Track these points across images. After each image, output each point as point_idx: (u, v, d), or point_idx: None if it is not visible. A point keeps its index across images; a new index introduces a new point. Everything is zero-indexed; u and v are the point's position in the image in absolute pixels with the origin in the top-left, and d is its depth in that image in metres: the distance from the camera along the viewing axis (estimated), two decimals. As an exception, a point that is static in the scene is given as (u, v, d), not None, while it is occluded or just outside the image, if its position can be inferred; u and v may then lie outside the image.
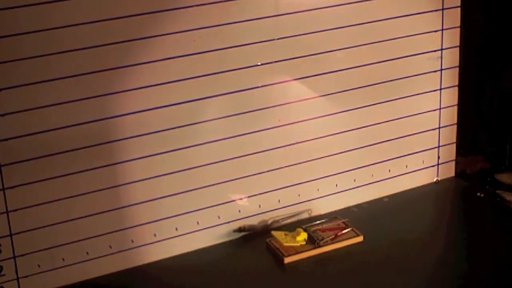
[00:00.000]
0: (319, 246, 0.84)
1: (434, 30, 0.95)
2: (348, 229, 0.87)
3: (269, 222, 0.91)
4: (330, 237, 0.86)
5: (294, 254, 0.83)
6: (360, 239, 0.86)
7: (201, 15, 0.80)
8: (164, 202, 0.84)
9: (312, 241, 0.85)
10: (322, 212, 0.94)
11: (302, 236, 0.85)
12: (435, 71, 0.97)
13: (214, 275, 0.81)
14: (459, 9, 0.96)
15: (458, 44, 0.97)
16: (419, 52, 0.95)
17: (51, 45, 0.73)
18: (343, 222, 0.89)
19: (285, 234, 0.86)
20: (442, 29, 0.96)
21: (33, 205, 0.77)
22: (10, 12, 0.71)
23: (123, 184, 0.81)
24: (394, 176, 0.98)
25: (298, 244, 0.85)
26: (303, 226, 0.87)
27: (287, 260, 0.83)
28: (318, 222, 0.89)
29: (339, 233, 0.87)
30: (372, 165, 0.96)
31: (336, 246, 0.85)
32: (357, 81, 0.92)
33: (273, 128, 0.88)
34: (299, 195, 0.92)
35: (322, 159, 0.92)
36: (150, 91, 0.80)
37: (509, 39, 1.02)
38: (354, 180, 0.96)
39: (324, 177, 0.93)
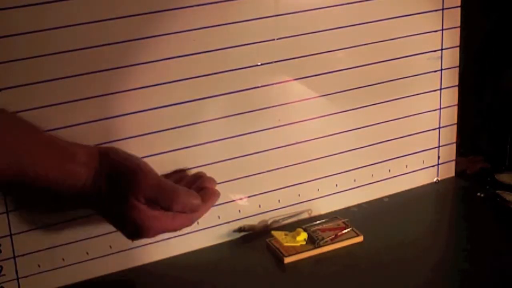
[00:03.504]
0: (319, 246, 0.85)
1: (434, 30, 0.95)
2: (348, 229, 0.87)
3: (269, 222, 0.91)
4: (330, 237, 0.86)
5: (294, 254, 0.83)
6: (360, 239, 0.86)
7: (201, 15, 0.80)
8: (164, 202, 0.83)
9: (312, 241, 0.85)
10: (322, 212, 0.94)
11: (302, 236, 0.85)
12: (435, 71, 0.97)
13: (214, 275, 0.81)
14: (459, 9, 0.96)
15: (458, 44, 0.97)
16: (419, 52, 0.95)
17: (50, 45, 0.73)
18: (343, 222, 0.89)
19: (285, 234, 0.86)
20: (442, 29, 0.96)
21: (33, 205, 0.77)
22: (9, 12, 0.71)
23: (123, 184, 0.81)
24: (394, 176, 0.98)
25: (298, 244, 0.85)
26: (303, 226, 0.87)
27: (287, 260, 0.83)
28: (318, 222, 0.89)
29: (339, 233, 0.87)
30: (372, 165, 0.96)
31: (336, 246, 0.85)
32: (357, 81, 0.92)
33: (273, 128, 0.88)
34: (299, 195, 0.92)
35: (322, 159, 0.92)
36: (150, 91, 0.80)
37: (509, 39, 1.02)
38: (354, 180, 0.96)
39: (324, 177, 0.93)
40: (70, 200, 0.72)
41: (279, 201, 0.91)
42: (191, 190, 0.75)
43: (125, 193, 0.70)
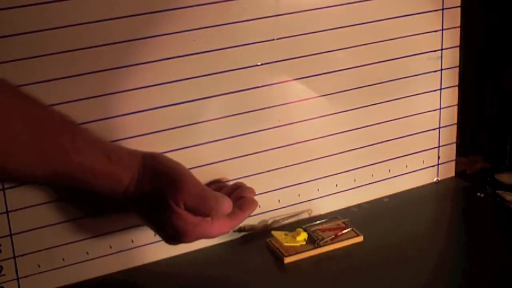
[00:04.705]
0: (319, 246, 0.85)
1: (434, 30, 0.95)
2: (348, 229, 0.87)
3: (269, 222, 0.91)
4: (330, 237, 0.86)
5: (294, 254, 0.83)
6: (360, 239, 0.86)
7: (201, 15, 0.80)
8: (164, 202, 0.83)
9: (312, 241, 0.85)
10: (322, 212, 0.94)
11: (302, 236, 0.85)
12: (435, 71, 0.97)
13: (214, 275, 0.82)
14: (459, 9, 0.96)
15: (458, 44, 0.97)
16: (419, 52, 0.95)
17: (50, 45, 0.73)
18: (343, 222, 0.89)
19: (285, 234, 0.86)
20: (442, 29, 0.96)
21: (33, 205, 0.77)
22: (8, 12, 0.71)
23: (123, 184, 0.81)
24: (394, 176, 0.98)
25: (298, 244, 0.85)
26: (303, 226, 0.87)
27: (287, 260, 0.83)
28: (318, 222, 0.89)
29: (339, 233, 0.87)
30: (372, 165, 0.96)
31: (336, 246, 0.85)
32: (357, 81, 0.92)
33: (273, 128, 0.88)
34: (299, 195, 0.92)
35: (322, 159, 0.92)
36: (150, 91, 0.80)
37: (510, 39, 1.02)
38: (354, 180, 0.96)
39: (324, 177, 0.93)
40: (112, 202, 0.73)
41: (279, 201, 0.91)
42: (226, 197, 0.77)
43: (166, 198, 0.71)
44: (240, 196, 0.81)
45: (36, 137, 0.64)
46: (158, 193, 0.71)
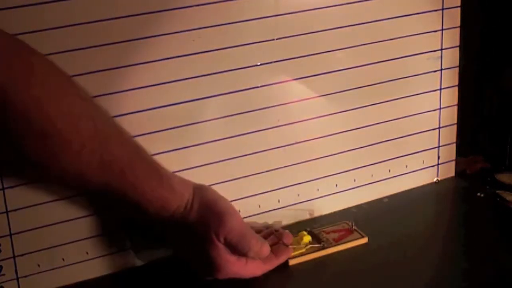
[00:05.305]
0: (323, 248, 0.84)
1: (434, 30, 0.95)
2: (353, 231, 0.87)
3: (269, 222, 0.91)
4: (334, 239, 0.85)
5: (298, 256, 0.83)
6: (364, 240, 0.86)
7: (201, 15, 0.80)
8: (164, 202, 0.83)
9: (316, 243, 0.85)
10: (323, 212, 0.94)
11: (306, 239, 0.85)
12: (435, 71, 0.97)
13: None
14: (459, 9, 0.96)
15: (458, 44, 0.97)
16: (419, 52, 0.95)
17: (50, 45, 0.73)
18: (347, 224, 0.89)
19: (289, 238, 0.86)
20: (442, 29, 0.96)
21: (33, 205, 0.77)
22: (8, 13, 0.71)
23: (123, 184, 0.81)
24: (394, 176, 0.98)
25: (303, 247, 0.84)
26: (307, 229, 0.87)
27: (291, 262, 0.83)
28: (322, 224, 0.89)
29: (343, 235, 0.86)
30: (372, 165, 0.96)
31: (340, 248, 0.85)
32: (357, 81, 0.92)
33: (273, 128, 0.88)
34: (299, 195, 0.92)
35: (322, 159, 0.92)
36: (150, 91, 0.80)
37: (509, 39, 1.02)
38: (354, 180, 0.96)
39: (324, 177, 0.93)
40: (156, 223, 0.75)
41: (279, 201, 0.91)
42: (266, 242, 0.79)
43: (208, 229, 0.73)
44: (276, 241, 0.82)
45: (100, 150, 0.67)
46: (201, 223, 0.73)
